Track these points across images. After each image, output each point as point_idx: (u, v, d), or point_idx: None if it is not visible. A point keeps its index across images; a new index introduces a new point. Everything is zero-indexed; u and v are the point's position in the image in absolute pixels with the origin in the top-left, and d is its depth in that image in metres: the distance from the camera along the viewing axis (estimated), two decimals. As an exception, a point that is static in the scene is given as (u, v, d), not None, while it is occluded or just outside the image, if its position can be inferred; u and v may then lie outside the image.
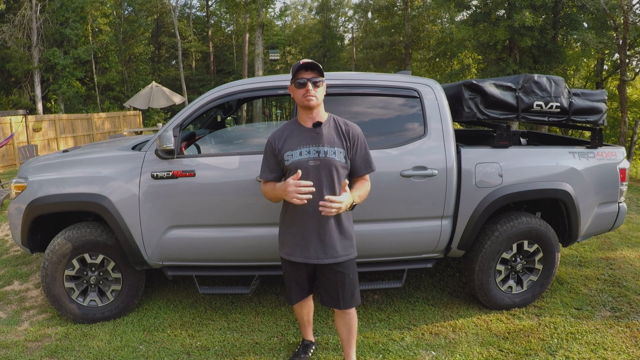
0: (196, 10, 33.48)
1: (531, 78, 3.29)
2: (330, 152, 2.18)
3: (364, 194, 2.28)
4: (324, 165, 2.17)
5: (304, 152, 2.19)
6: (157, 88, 14.38)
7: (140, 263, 3.11)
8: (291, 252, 2.31)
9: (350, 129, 2.26)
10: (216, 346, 2.92)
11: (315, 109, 2.21)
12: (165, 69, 30.76)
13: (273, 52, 22.12)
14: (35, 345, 2.98)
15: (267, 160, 2.31)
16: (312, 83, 2.14)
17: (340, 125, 2.26)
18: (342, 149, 2.20)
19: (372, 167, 2.32)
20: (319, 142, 2.19)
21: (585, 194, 3.28)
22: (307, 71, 2.17)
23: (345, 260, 2.28)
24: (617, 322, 3.17)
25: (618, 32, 10.54)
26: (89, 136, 16.31)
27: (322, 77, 2.19)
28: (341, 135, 2.23)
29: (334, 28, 33.94)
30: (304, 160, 2.18)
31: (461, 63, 22.38)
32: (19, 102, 19.03)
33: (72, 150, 3.69)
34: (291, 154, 2.20)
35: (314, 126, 2.22)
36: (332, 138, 2.21)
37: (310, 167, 2.17)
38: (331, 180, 2.18)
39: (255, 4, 18.64)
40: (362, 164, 2.28)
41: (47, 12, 18.52)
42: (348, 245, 2.29)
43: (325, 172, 2.17)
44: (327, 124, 2.25)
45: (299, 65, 2.16)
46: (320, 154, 2.18)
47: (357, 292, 2.37)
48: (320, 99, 2.20)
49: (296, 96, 2.20)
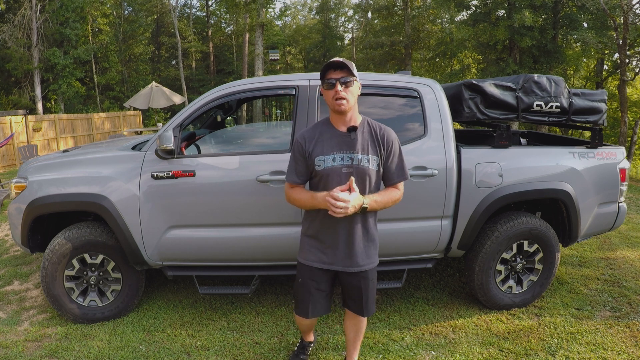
0: (196, 10, 33.52)
1: (531, 78, 3.29)
2: (364, 159, 2.07)
3: (386, 201, 2.12)
4: (357, 173, 2.06)
5: (337, 158, 2.06)
6: (157, 88, 14.38)
7: (140, 263, 3.11)
8: (315, 258, 2.20)
9: (385, 134, 2.13)
10: (216, 346, 2.92)
11: (348, 113, 2.07)
12: (165, 69, 30.76)
13: (273, 52, 22.13)
14: (35, 345, 2.98)
15: (295, 162, 2.15)
16: (342, 83, 2.00)
17: (375, 130, 2.13)
18: (376, 156, 2.10)
19: (406, 175, 2.18)
20: (353, 148, 2.07)
21: (585, 194, 3.28)
22: (335, 70, 2.03)
23: (371, 268, 2.22)
24: (617, 322, 3.17)
25: (618, 32, 10.54)
26: (89, 136, 16.31)
27: (354, 76, 2.04)
28: (376, 141, 2.11)
29: (334, 28, 33.94)
30: (338, 167, 2.06)
31: (461, 63, 22.38)
32: (19, 102, 19.03)
33: (72, 150, 3.69)
34: (323, 159, 2.07)
35: (348, 130, 2.08)
36: (366, 144, 2.09)
37: (344, 175, 2.06)
38: (363, 188, 2.08)
39: (255, 4, 18.65)
40: (396, 171, 2.16)
41: (47, 12, 18.53)
42: (372, 253, 2.23)
43: (358, 180, 2.06)
44: (362, 128, 2.12)
45: (327, 64, 2.04)
46: (354, 161, 2.06)
47: (374, 299, 2.32)
48: (352, 101, 2.05)
49: (327, 99, 2.07)
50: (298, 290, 2.29)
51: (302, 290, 2.26)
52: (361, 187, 2.08)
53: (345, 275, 2.22)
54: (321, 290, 2.25)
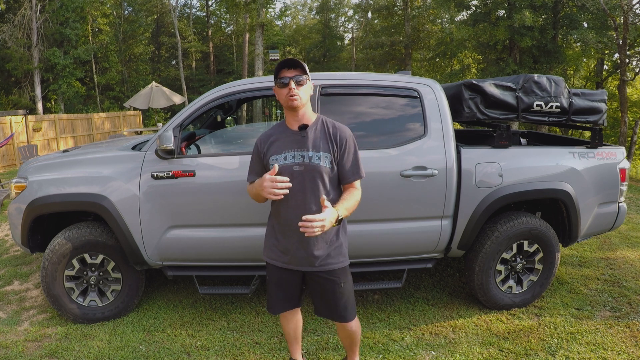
0: (196, 10, 33.53)
1: (531, 78, 3.29)
2: (315, 157, 2.06)
3: (353, 205, 2.09)
4: (308, 171, 2.06)
5: (289, 156, 2.08)
6: (157, 88, 14.38)
7: (140, 263, 3.11)
8: (274, 256, 2.21)
9: (338, 132, 2.12)
10: (216, 346, 2.92)
11: (300, 110, 2.09)
12: (165, 69, 30.76)
13: (273, 52, 22.10)
14: (35, 345, 2.98)
15: (253, 162, 2.23)
16: (295, 82, 2.02)
17: (328, 128, 2.12)
18: (328, 153, 2.07)
19: (361, 173, 2.15)
20: (304, 146, 2.08)
21: (585, 194, 3.28)
22: (289, 69, 2.06)
23: (335, 268, 2.15)
24: (617, 322, 3.17)
25: (618, 32, 10.54)
26: (89, 136, 16.31)
27: (306, 75, 2.07)
28: (328, 138, 2.10)
29: (334, 28, 33.93)
30: (289, 165, 2.07)
31: (461, 63, 22.38)
32: (19, 102, 19.03)
33: (72, 150, 3.69)
34: (276, 158, 2.10)
35: (299, 129, 2.10)
36: (318, 142, 2.09)
37: (295, 173, 2.06)
38: (315, 186, 2.06)
39: (255, 4, 18.64)
40: (350, 169, 2.12)
41: (47, 12, 18.52)
42: (336, 254, 2.15)
43: (309, 178, 2.06)
44: (314, 126, 2.12)
45: (281, 63, 2.06)
46: (305, 158, 2.06)
47: (351, 305, 2.23)
48: (304, 98, 2.07)
49: (280, 97, 2.09)
50: (267, 285, 2.34)
51: (268, 285, 2.31)
52: (313, 185, 2.06)
53: (310, 274, 2.18)
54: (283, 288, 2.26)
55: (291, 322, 2.45)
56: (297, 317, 2.46)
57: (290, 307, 2.34)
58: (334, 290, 2.17)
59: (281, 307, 2.32)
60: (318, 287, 2.20)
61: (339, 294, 2.18)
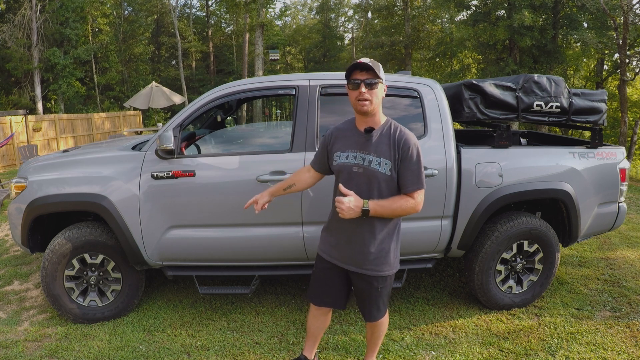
0: (196, 10, 33.50)
1: (531, 78, 3.29)
2: (375, 162, 2.05)
3: (394, 207, 2.04)
4: (366, 174, 2.06)
5: (351, 156, 2.10)
6: (157, 88, 14.38)
7: (140, 263, 3.11)
8: (324, 247, 2.29)
9: (403, 138, 2.06)
10: (216, 346, 2.92)
11: (369, 115, 2.08)
12: (165, 69, 30.75)
13: (273, 52, 22.11)
14: (35, 345, 2.98)
15: (318, 150, 2.33)
16: (366, 84, 2.00)
17: (393, 133, 2.08)
18: (389, 160, 2.04)
19: (421, 184, 2.07)
20: (367, 149, 2.08)
21: (585, 194, 3.28)
22: (361, 72, 2.02)
23: (375, 275, 2.17)
24: (617, 322, 3.17)
25: (618, 32, 10.54)
26: (89, 136, 16.30)
27: (380, 79, 2.03)
28: (391, 144, 2.06)
29: (334, 28, 33.94)
30: (349, 165, 2.10)
31: (461, 63, 22.39)
32: (19, 102, 19.03)
33: (72, 150, 3.69)
34: (339, 155, 2.15)
35: (365, 131, 2.09)
36: (380, 147, 2.06)
37: (353, 173, 2.08)
38: (371, 190, 2.06)
39: (255, 4, 18.64)
40: (410, 179, 2.05)
41: (47, 12, 18.52)
42: (381, 262, 2.15)
43: (365, 181, 2.06)
44: (380, 130, 2.10)
45: (353, 64, 2.03)
46: (365, 162, 2.06)
47: (384, 306, 2.29)
48: (375, 103, 2.05)
49: (351, 98, 2.08)
50: (312, 276, 2.39)
51: (313, 276, 2.37)
52: (369, 189, 2.06)
53: (352, 274, 2.24)
54: (326, 283, 2.30)
55: (319, 320, 2.45)
56: (326, 317, 2.46)
57: (329, 304, 2.36)
58: (370, 294, 2.23)
59: (320, 300, 2.36)
60: (357, 285, 2.26)
61: (375, 297, 2.24)
